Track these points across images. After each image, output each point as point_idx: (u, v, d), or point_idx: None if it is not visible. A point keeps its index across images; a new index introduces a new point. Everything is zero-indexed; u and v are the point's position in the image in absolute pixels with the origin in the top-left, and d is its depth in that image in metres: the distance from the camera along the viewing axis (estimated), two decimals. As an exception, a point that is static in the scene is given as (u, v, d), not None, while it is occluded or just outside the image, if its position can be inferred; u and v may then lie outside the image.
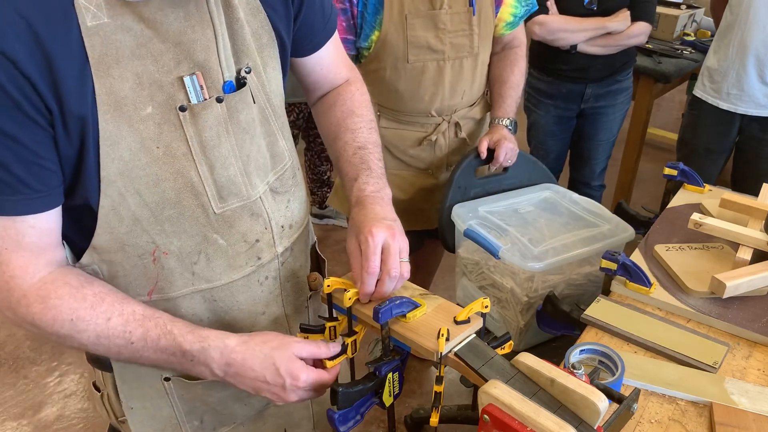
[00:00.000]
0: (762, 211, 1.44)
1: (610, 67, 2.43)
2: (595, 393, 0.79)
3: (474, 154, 1.77)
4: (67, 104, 0.76)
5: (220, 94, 0.87)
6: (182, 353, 0.86)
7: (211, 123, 0.87)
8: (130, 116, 0.80)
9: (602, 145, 2.62)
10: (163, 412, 1.02)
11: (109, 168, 0.81)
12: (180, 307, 0.95)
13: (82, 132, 0.78)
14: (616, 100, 2.51)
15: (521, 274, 1.50)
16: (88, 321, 0.83)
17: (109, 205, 0.83)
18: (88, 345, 0.85)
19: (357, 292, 0.97)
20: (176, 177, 0.86)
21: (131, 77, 0.79)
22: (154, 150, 0.83)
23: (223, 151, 0.89)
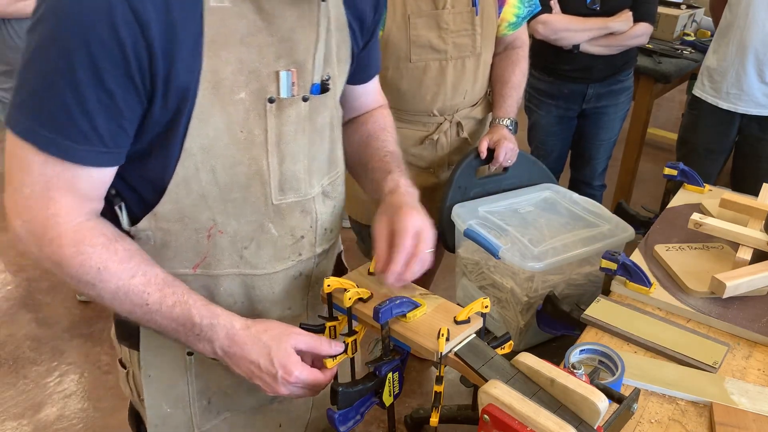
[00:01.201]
0: (762, 211, 1.44)
1: (611, 67, 2.43)
2: (595, 393, 0.79)
3: (474, 154, 1.77)
4: (176, 74, 0.79)
5: (306, 94, 0.91)
6: (192, 325, 0.87)
7: (292, 119, 0.91)
8: (224, 97, 0.84)
9: (603, 145, 2.62)
10: (178, 388, 1.03)
11: (194, 141, 0.84)
12: (220, 285, 0.97)
13: (181, 103, 0.82)
14: (618, 99, 2.52)
15: (521, 274, 1.50)
16: (113, 273, 0.84)
17: (182, 176, 0.87)
18: (104, 297, 0.85)
19: (357, 292, 0.97)
20: (250, 163, 0.90)
21: (234, 62, 0.83)
22: (237, 133, 0.87)
23: (295, 147, 0.93)
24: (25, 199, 0.81)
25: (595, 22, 2.32)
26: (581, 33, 2.33)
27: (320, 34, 0.90)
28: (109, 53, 0.74)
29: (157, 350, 1.01)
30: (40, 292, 2.80)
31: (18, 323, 2.63)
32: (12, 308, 2.71)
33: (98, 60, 0.74)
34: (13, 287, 2.83)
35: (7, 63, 2.21)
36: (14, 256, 3.02)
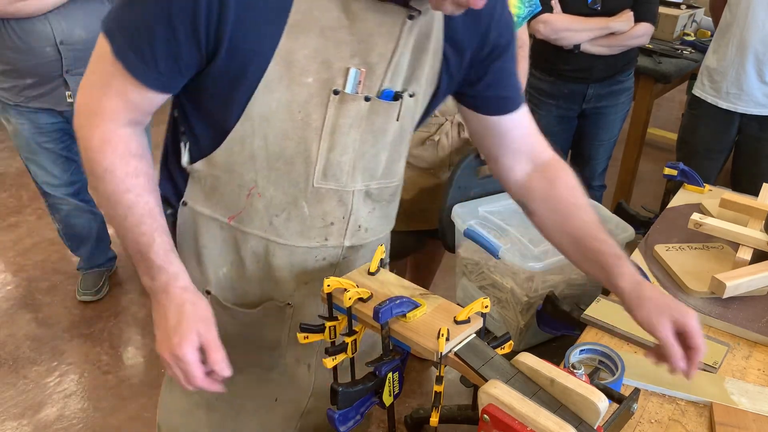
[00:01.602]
0: (762, 211, 1.44)
1: (612, 67, 2.43)
2: (595, 393, 0.79)
3: (474, 154, 1.77)
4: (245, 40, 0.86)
5: (370, 95, 0.96)
6: (147, 259, 0.95)
7: (351, 114, 0.96)
8: (292, 77, 0.90)
9: (603, 145, 2.61)
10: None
11: (255, 107, 0.92)
12: (248, 241, 1.05)
13: (246, 69, 0.89)
14: (618, 100, 2.51)
15: (521, 274, 1.50)
16: (114, 181, 0.93)
17: (239, 134, 0.95)
18: (100, 196, 0.95)
19: (357, 292, 0.97)
20: (299, 142, 0.96)
21: (310, 48, 0.89)
22: (295, 113, 0.93)
23: (347, 140, 0.98)
24: (90, 84, 0.94)
25: (596, 22, 2.32)
26: (582, 33, 2.33)
27: (398, 48, 0.93)
28: (184, 8, 0.83)
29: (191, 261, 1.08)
30: (40, 292, 2.80)
31: (18, 323, 2.63)
32: (12, 308, 2.71)
33: (173, 6, 0.83)
34: (13, 287, 2.83)
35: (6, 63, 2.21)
36: (14, 256, 3.02)
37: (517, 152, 1.13)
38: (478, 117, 1.11)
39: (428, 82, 1.02)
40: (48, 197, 2.53)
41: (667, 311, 0.97)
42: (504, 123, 1.10)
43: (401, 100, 0.99)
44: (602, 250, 1.03)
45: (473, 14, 0.96)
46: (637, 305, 0.98)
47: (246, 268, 1.08)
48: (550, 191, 1.10)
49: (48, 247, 3.07)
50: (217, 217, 1.04)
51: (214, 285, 1.09)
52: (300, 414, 1.25)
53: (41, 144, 2.38)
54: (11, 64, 2.20)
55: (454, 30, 0.99)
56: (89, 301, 2.73)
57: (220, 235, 1.06)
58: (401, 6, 0.90)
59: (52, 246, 3.07)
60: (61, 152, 2.44)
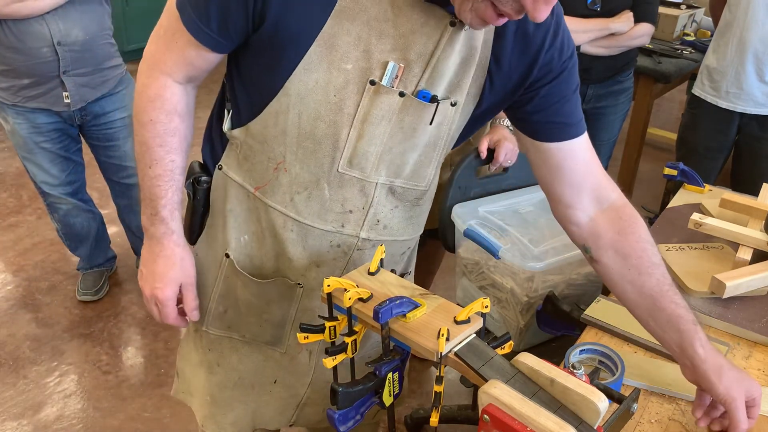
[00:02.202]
0: (762, 211, 1.44)
1: (611, 67, 2.43)
2: (595, 393, 0.79)
3: (474, 154, 1.77)
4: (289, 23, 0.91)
5: (404, 91, 0.97)
6: (154, 207, 1.08)
7: (383, 106, 0.98)
8: (332, 60, 0.94)
9: (603, 146, 2.61)
10: (209, 278, 1.18)
11: (293, 84, 0.96)
12: (270, 213, 1.09)
13: (288, 43, 0.93)
14: (618, 100, 2.51)
15: (521, 274, 1.50)
16: (152, 132, 1.04)
17: (275, 108, 0.99)
18: (138, 139, 1.07)
19: (357, 292, 0.97)
20: (330, 124, 0.99)
21: (353, 36, 0.92)
22: (331, 96, 0.96)
23: (376, 130, 1.00)
24: (158, 36, 1.02)
25: (596, 23, 2.32)
26: (582, 34, 2.33)
27: (437, 51, 0.94)
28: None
29: (208, 238, 1.17)
30: (40, 292, 2.80)
31: (18, 323, 2.63)
32: (12, 308, 2.71)
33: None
34: (13, 287, 2.83)
35: (3, 63, 2.21)
36: (14, 256, 3.02)
37: (578, 188, 1.05)
38: (534, 144, 1.06)
39: (471, 94, 1.02)
40: (46, 197, 2.53)
41: (745, 384, 0.96)
42: (558, 152, 1.04)
43: (438, 105, 0.99)
44: (680, 314, 0.99)
45: (523, 38, 0.97)
46: (718, 376, 0.95)
47: (265, 240, 1.11)
48: (622, 241, 1.03)
49: (48, 247, 3.07)
50: (245, 186, 1.08)
51: (234, 249, 1.13)
52: (297, 404, 1.27)
53: (39, 144, 2.38)
54: (9, 64, 2.20)
55: (502, 49, 0.98)
56: (89, 301, 2.73)
57: (245, 203, 1.10)
58: (446, 11, 0.92)
59: (52, 246, 3.07)
60: (59, 152, 2.44)
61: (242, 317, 1.19)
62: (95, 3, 2.25)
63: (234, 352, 1.23)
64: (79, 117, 2.37)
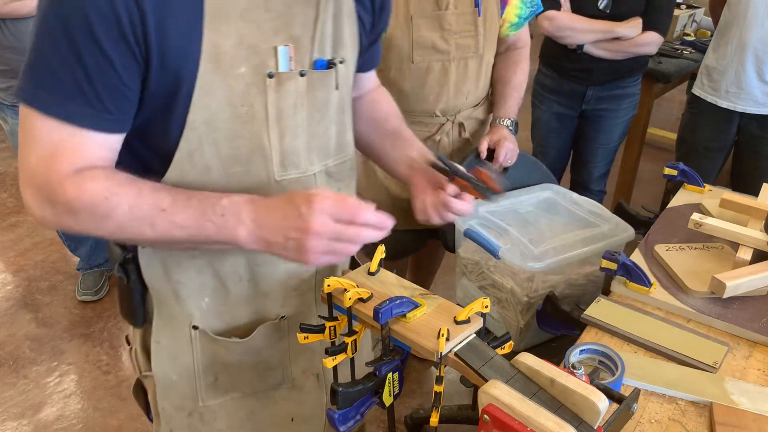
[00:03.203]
0: (762, 211, 1.44)
1: (614, 72, 2.42)
2: (595, 393, 0.79)
3: (474, 154, 1.77)
4: (171, 45, 0.82)
5: (304, 69, 0.93)
6: (212, 208, 0.86)
7: (291, 93, 0.93)
8: (225, 72, 0.86)
9: (601, 149, 2.59)
10: (185, 359, 1.05)
11: (197, 114, 0.87)
12: (225, 261, 1.00)
13: (179, 75, 0.84)
14: (620, 105, 2.49)
15: (521, 274, 1.50)
16: (120, 195, 0.84)
17: (186, 149, 0.89)
18: (124, 222, 0.85)
19: (357, 292, 0.97)
20: (252, 137, 0.92)
21: (234, 36, 0.86)
22: (239, 107, 0.89)
23: (295, 121, 0.95)
24: (33, 168, 0.84)
25: (601, 25, 2.31)
26: (585, 34, 2.33)
27: (320, 14, 0.92)
28: (105, 19, 0.77)
29: (166, 319, 1.02)
30: (40, 292, 2.80)
31: (18, 323, 2.63)
32: (12, 308, 2.71)
33: (95, 26, 0.77)
34: (13, 287, 2.83)
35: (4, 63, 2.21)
36: (14, 256, 3.02)
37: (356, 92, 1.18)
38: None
39: (352, 46, 1.02)
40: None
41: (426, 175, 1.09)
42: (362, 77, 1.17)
43: (335, 68, 0.97)
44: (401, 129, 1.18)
45: None
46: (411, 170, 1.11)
47: (230, 291, 1.02)
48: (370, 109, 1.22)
49: (48, 247, 3.07)
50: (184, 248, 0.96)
51: (199, 318, 1.02)
52: (323, 427, 1.22)
53: None
54: (7, 64, 2.20)
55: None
56: (89, 301, 2.73)
57: (193, 266, 0.98)
58: None
59: (52, 246, 3.07)
60: None
61: (236, 376, 1.09)
62: None
63: (240, 409, 1.13)
64: (79, 117, 2.37)
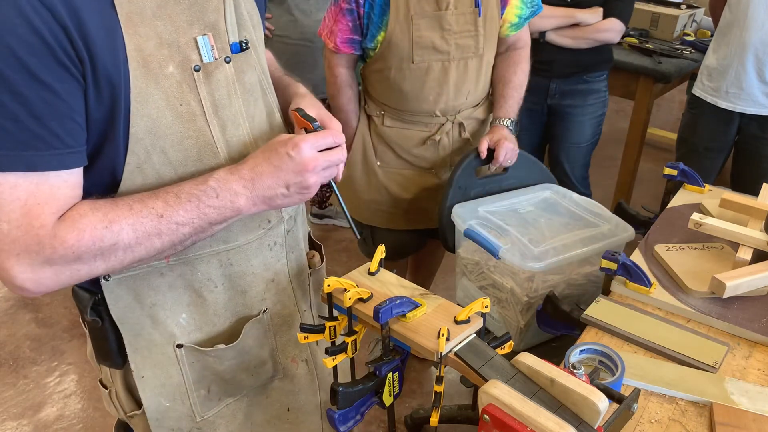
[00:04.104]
0: (762, 211, 1.44)
1: (576, 64, 2.40)
2: (595, 393, 0.79)
3: (474, 154, 1.77)
4: (99, 59, 0.78)
5: (228, 55, 0.93)
6: (204, 193, 0.86)
7: (222, 83, 0.92)
8: (156, 74, 0.84)
9: (573, 149, 2.55)
10: (173, 380, 1.03)
11: (138, 125, 0.84)
12: (197, 270, 0.98)
13: (113, 89, 0.81)
14: (585, 101, 2.47)
15: (521, 274, 1.50)
16: (118, 219, 0.82)
17: (135, 163, 0.86)
18: (131, 243, 0.83)
19: (357, 292, 0.97)
20: (198, 136, 0.90)
21: (154, 36, 0.84)
22: (178, 107, 0.87)
23: (232, 111, 0.94)
24: (7, 235, 0.76)
25: (561, 11, 2.32)
26: (546, 20, 2.32)
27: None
28: (32, 46, 0.72)
29: (144, 350, 0.99)
30: (40, 292, 2.80)
31: (18, 323, 2.63)
32: (12, 308, 2.71)
33: (24, 57, 0.72)
34: (13, 287, 2.83)
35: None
36: (14, 256, 3.02)
37: None
38: None
39: (255, 25, 1.01)
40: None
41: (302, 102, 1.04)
42: None
43: (249, 49, 0.97)
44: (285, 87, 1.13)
45: None
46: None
47: (206, 300, 1.01)
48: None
49: (48, 247, 3.07)
50: (152, 266, 0.94)
51: (180, 336, 1.00)
52: (320, 417, 1.23)
53: None
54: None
55: None
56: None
57: (164, 283, 0.96)
58: None
59: (52, 246, 3.07)
60: None
61: (229, 382, 1.08)
62: None
63: (237, 412, 1.12)
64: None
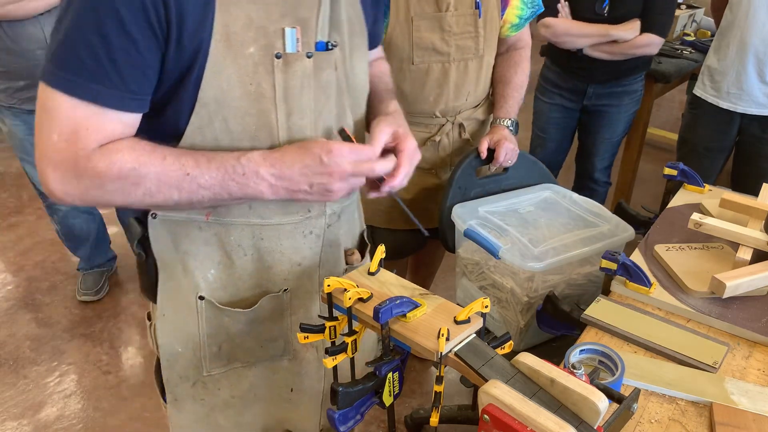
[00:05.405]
0: (762, 211, 1.44)
1: (613, 72, 2.44)
2: (595, 393, 0.79)
3: (474, 155, 1.77)
4: (187, 26, 0.86)
5: (311, 51, 0.97)
6: (233, 168, 0.92)
7: (298, 74, 0.96)
8: (235, 51, 0.90)
9: (605, 143, 2.63)
10: (189, 328, 1.09)
11: (207, 92, 0.91)
12: (231, 234, 1.04)
13: (193, 55, 0.88)
14: (621, 101, 2.52)
15: (521, 274, 1.50)
16: (147, 164, 0.89)
17: (197, 124, 0.93)
18: (152, 189, 0.90)
19: (357, 292, 0.97)
20: (259, 115, 0.95)
21: (243, 18, 0.90)
22: (248, 86, 0.93)
23: (302, 101, 0.98)
24: (54, 145, 0.86)
25: (596, 29, 2.33)
26: (581, 39, 2.36)
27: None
28: (131, 4, 0.82)
29: (171, 291, 1.07)
30: (40, 292, 2.80)
31: (18, 323, 2.63)
32: (12, 308, 2.71)
33: (121, 9, 0.82)
34: (13, 287, 2.83)
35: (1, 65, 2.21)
36: (14, 256, 3.02)
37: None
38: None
39: (355, 32, 1.05)
40: (45, 198, 2.54)
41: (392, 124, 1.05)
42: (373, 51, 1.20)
43: (334, 50, 1.00)
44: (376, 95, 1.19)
45: None
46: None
47: (235, 264, 1.07)
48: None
49: (48, 247, 3.07)
50: (193, 218, 1.02)
51: (205, 289, 1.07)
52: (320, 404, 1.26)
53: None
54: (4, 66, 2.20)
55: None
56: (89, 301, 2.73)
57: (200, 237, 1.03)
58: None
59: (52, 246, 3.07)
60: None
61: (239, 346, 1.14)
62: None
63: (242, 378, 1.18)
64: (78, 118, 2.37)
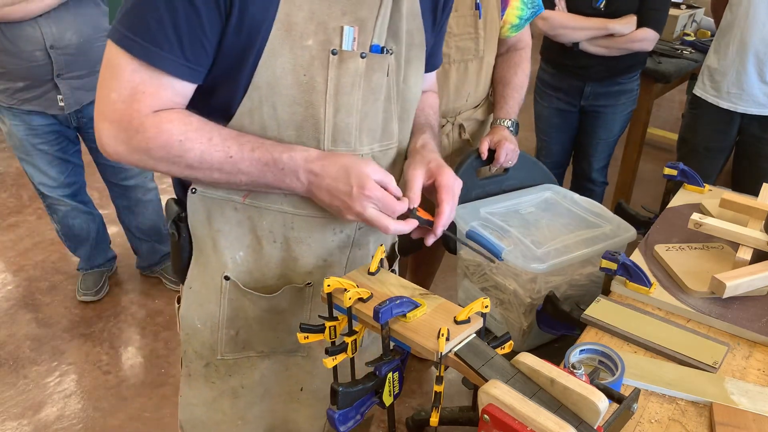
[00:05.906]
0: (762, 211, 1.44)
1: (610, 69, 2.44)
2: (595, 393, 0.79)
3: (475, 155, 1.77)
4: (249, 9, 0.89)
5: (365, 52, 0.99)
6: (274, 161, 0.96)
7: (350, 72, 0.98)
8: (293, 41, 0.93)
9: (601, 143, 2.63)
10: (211, 306, 1.12)
11: (261, 75, 0.94)
12: (263, 218, 1.06)
13: (252, 36, 0.91)
14: (618, 101, 2.53)
15: (524, 276, 1.50)
16: (193, 140, 0.93)
17: (248, 106, 0.96)
18: (193, 164, 0.94)
19: (357, 292, 0.97)
20: (307, 106, 0.98)
21: (306, 10, 0.93)
22: (301, 76, 0.95)
23: (350, 100, 1.00)
24: (113, 103, 0.91)
25: (594, 22, 2.33)
26: (579, 32, 2.36)
27: (384, 2, 0.98)
28: None
29: (201, 267, 1.10)
30: (40, 292, 2.80)
31: (18, 323, 2.63)
32: (12, 308, 2.71)
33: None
34: (13, 287, 2.83)
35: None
36: (14, 256, 3.02)
37: None
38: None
39: (413, 44, 1.07)
40: (45, 198, 2.54)
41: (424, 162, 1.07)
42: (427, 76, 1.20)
43: (388, 55, 1.02)
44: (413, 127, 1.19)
45: None
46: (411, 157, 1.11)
47: (263, 249, 1.08)
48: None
49: (48, 247, 3.07)
50: (231, 198, 1.04)
51: (232, 270, 1.09)
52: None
53: (36, 145, 2.38)
54: (3, 67, 2.20)
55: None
56: (89, 301, 2.73)
57: (234, 217, 1.06)
58: None
59: (52, 246, 3.07)
60: (57, 154, 2.44)
61: (256, 334, 1.15)
62: (90, 5, 2.25)
63: (254, 369, 1.19)
64: (76, 119, 2.37)
